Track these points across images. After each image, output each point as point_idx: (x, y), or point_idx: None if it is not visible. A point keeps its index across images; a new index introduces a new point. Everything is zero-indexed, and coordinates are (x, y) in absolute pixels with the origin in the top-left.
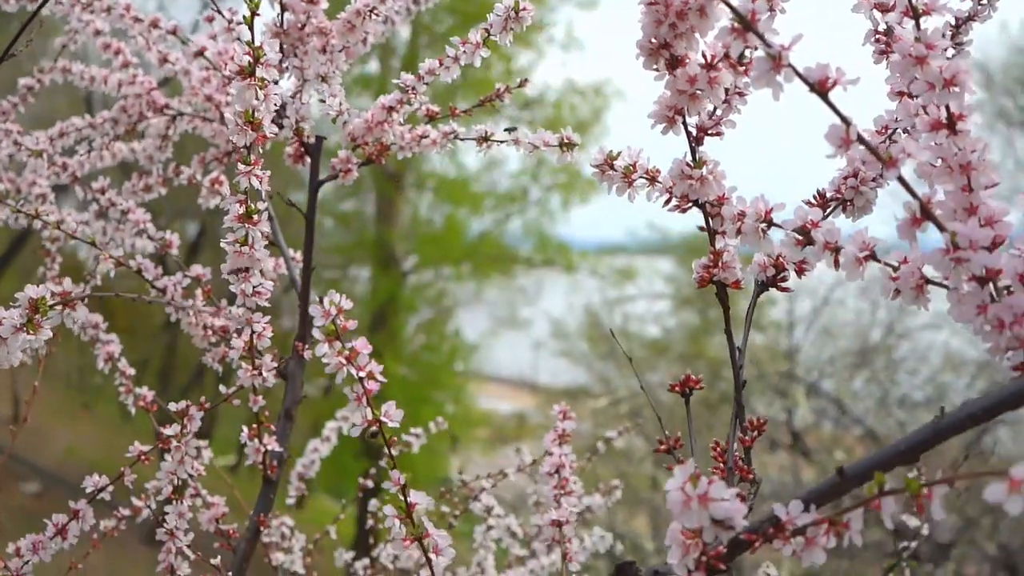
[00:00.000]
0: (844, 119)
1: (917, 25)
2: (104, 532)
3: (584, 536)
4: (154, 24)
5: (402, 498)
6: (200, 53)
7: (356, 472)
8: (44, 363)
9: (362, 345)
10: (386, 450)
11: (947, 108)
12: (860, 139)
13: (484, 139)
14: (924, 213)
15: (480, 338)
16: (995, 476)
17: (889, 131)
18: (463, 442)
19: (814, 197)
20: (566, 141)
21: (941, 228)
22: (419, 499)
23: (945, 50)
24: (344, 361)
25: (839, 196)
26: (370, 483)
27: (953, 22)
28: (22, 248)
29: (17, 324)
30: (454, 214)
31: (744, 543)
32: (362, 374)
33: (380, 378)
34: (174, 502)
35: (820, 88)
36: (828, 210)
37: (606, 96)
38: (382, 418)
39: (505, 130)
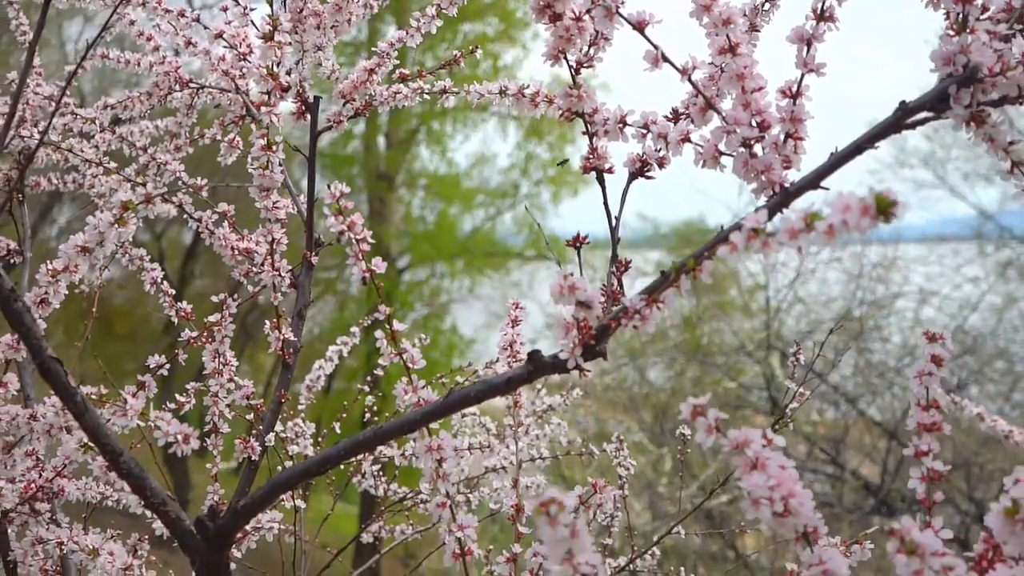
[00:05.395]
0: (655, 46)
1: None
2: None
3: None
4: (181, 14)
5: (388, 326)
6: (219, 35)
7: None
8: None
9: (358, 218)
10: (374, 288)
11: (728, 38)
12: (665, 58)
13: (444, 91)
14: (708, 105)
15: (476, 333)
16: (722, 245)
17: None
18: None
19: (670, 112)
20: (503, 88)
21: (719, 113)
22: (400, 327)
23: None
24: (346, 228)
25: (686, 111)
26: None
27: None
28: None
29: (111, 220)
30: (445, 211)
31: (607, 327)
32: (358, 237)
33: (370, 240)
34: (215, 376)
35: (639, 26)
36: (679, 121)
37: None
38: (372, 267)
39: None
